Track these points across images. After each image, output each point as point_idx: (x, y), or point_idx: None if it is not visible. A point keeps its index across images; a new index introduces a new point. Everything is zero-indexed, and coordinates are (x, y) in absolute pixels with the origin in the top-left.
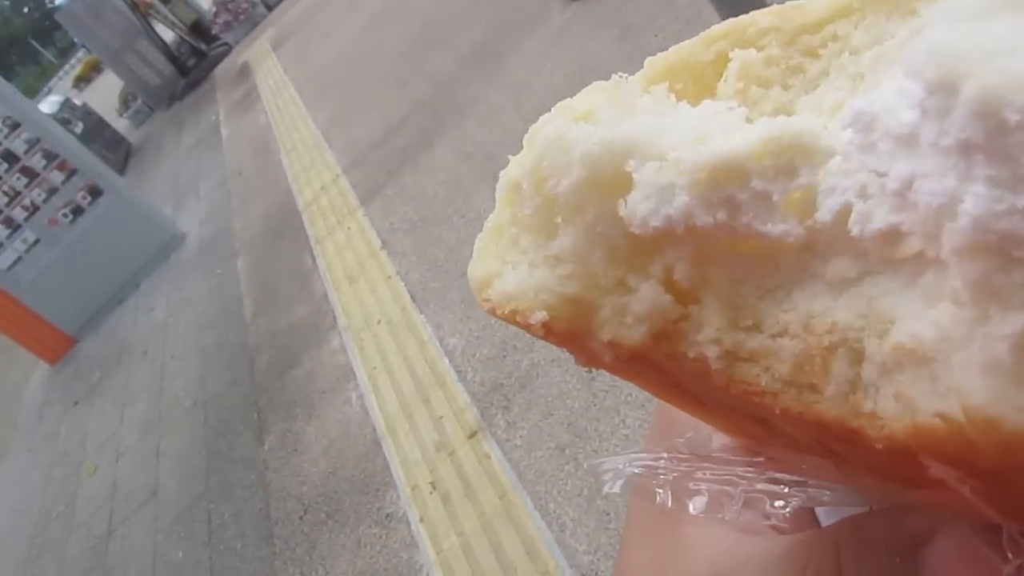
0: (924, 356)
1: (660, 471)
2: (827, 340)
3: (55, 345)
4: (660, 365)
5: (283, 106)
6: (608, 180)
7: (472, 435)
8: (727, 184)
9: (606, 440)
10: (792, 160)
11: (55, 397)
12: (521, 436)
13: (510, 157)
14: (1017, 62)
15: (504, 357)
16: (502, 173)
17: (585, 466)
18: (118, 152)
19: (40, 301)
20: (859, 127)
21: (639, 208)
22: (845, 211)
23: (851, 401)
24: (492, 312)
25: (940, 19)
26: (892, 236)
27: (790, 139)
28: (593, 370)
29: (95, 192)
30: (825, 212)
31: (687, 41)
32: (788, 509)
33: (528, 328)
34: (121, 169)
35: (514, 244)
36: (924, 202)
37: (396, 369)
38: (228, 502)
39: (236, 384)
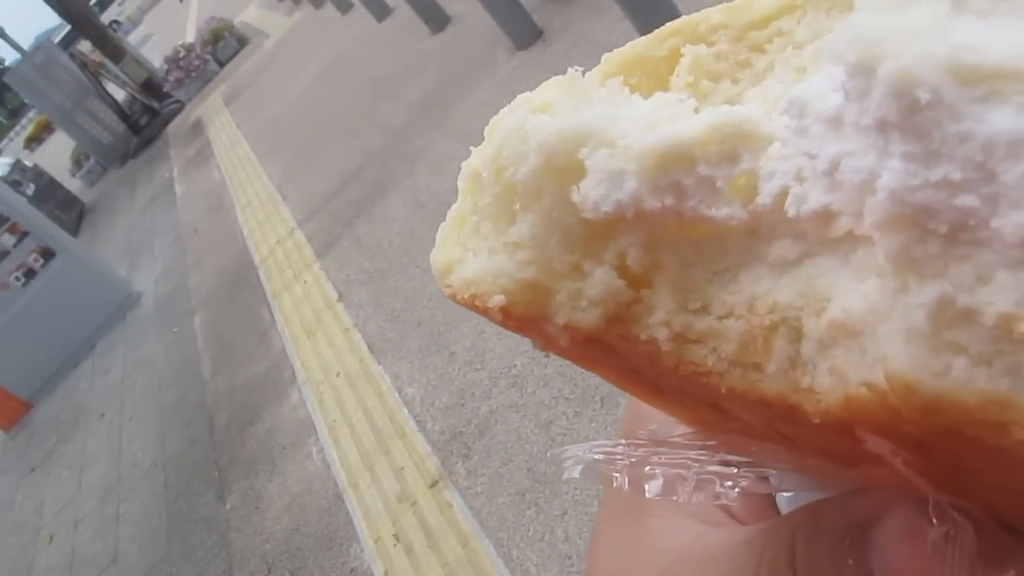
0: (854, 329)
1: (618, 456)
2: (768, 320)
3: (9, 411)
4: (614, 348)
5: (237, 161)
6: (563, 167)
7: (433, 484)
8: (674, 170)
9: (566, 483)
10: (735, 146)
11: (10, 465)
12: (482, 483)
13: (471, 148)
14: (929, 44)
15: (463, 405)
16: (464, 164)
17: (548, 455)
18: (71, 212)
19: None
20: (794, 112)
21: (591, 193)
22: (783, 194)
23: (791, 378)
24: (452, 298)
25: (863, 6)
26: (825, 216)
27: (733, 126)
28: (549, 354)
29: (47, 254)
30: (765, 196)
31: (643, 37)
32: (737, 489)
33: (487, 313)
34: (74, 230)
35: (475, 232)
36: (848, 180)
37: (356, 421)
38: (190, 564)
39: (196, 443)
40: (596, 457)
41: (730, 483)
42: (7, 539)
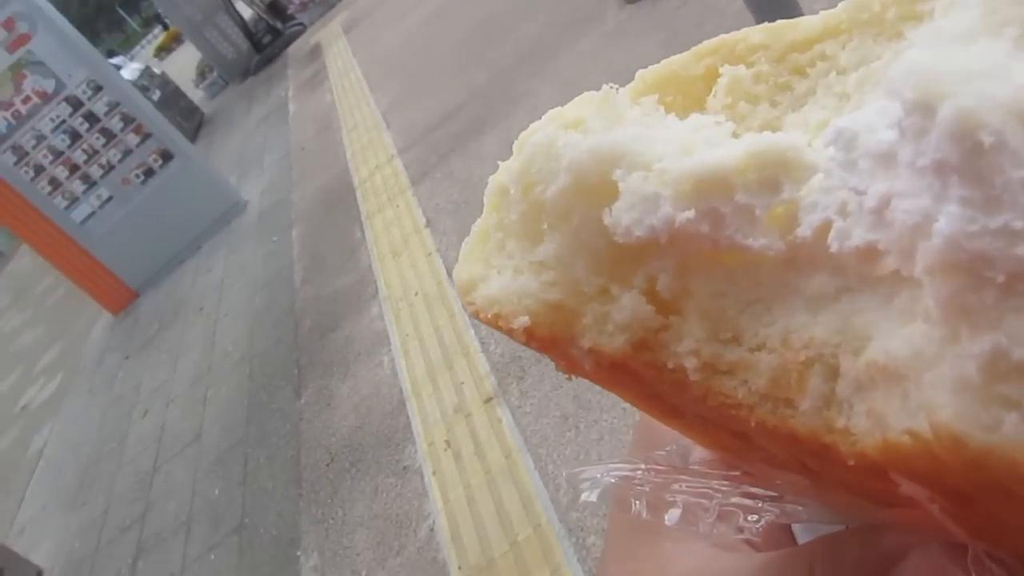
0: (896, 373)
1: (637, 482)
2: (803, 355)
3: (119, 297)
4: (639, 374)
5: (348, 87)
6: (594, 188)
7: (488, 400)
8: (711, 196)
9: (607, 412)
10: (775, 175)
11: (115, 345)
12: (531, 404)
13: (499, 163)
14: (994, 85)
15: None
16: (491, 178)
17: (564, 474)
18: (191, 120)
19: (108, 255)
20: (840, 145)
21: (624, 217)
22: (825, 227)
23: (825, 417)
24: (475, 315)
25: (923, 41)
26: (869, 254)
27: (774, 154)
28: (573, 377)
29: (166, 156)
30: (806, 228)
31: (678, 55)
32: (761, 523)
33: (510, 333)
34: (192, 137)
35: (500, 249)
36: (900, 220)
37: (426, 337)
38: (263, 448)
39: (280, 343)
40: (613, 481)
41: (754, 517)
42: (108, 409)
